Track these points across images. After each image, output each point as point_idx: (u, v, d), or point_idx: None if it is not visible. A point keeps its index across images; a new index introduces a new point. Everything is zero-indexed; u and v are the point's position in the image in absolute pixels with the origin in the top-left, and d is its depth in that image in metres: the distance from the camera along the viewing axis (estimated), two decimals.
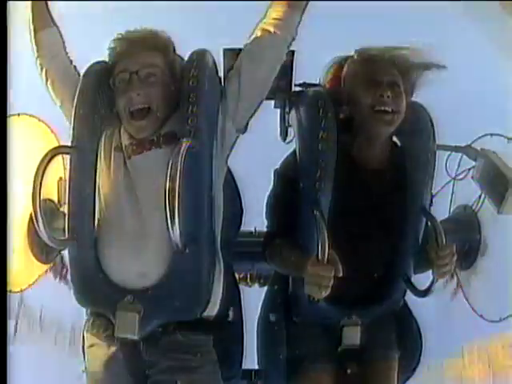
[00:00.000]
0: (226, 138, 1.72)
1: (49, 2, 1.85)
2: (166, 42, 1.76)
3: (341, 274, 1.55)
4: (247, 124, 1.76)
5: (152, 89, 1.68)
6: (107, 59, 1.77)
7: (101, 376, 1.70)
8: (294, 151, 1.87)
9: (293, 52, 1.92)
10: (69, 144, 1.73)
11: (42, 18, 1.84)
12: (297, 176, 1.79)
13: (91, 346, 1.74)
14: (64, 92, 1.82)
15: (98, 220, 1.70)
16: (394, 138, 1.87)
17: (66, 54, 1.88)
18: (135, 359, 1.67)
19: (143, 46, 1.70)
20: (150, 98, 1.68)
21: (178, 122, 1.67)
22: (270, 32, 1.69)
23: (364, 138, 1.79)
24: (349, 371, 1.89)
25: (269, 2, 1.74)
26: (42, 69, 1.86)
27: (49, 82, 1.85)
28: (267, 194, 1.91)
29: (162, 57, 1.72)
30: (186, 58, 1.74)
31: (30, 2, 1.84)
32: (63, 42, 1.88)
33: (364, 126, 1.77)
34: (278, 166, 1.91)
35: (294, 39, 1.72)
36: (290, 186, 1.80)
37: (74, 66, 1.87)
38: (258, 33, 1.71)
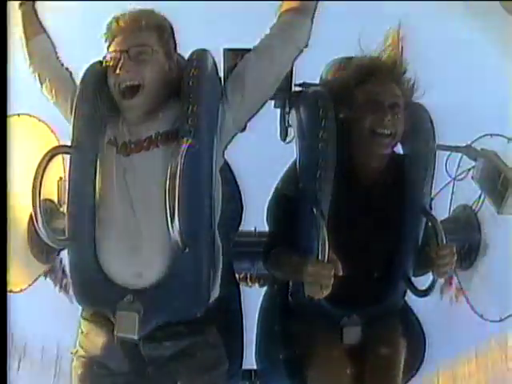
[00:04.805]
0: (224, 135, 1.71)
1: (38, 10, 1.86)
2: (160, 21, 1.73)
3: (341, 273, 1.55)
4: (246, 123, 1.76)
5: (142, 66, 1.66)
6: (103, 39, 1.74)
7: (101, 359, 1.70)
8: (292, 167, 1.87)
9: None
10: (69, 144, 1.73)
11: (32, 27, 1.86)
12: (296, 193, 1.80)
13: (88, 333, 1.74)
14: (58, 95, 1.82)
15: (97, 219, 1.70)
16: None
17: (57, 57, 1.89)
18: (134, 349, 1.68)
19: (136, 25, 1.68)
20: (140, 75, 1.65)
21: (176, 119, 1.66)
22: (282, 36, 1.68)
23: (362, 153, 1.80)
24: (348, 371, 1.89)
25: (270, 2, 1.74)
26: (35, 75, 1.87)
27: (43, 86, 1.86)
28: (268, 198, 1.91)
29: (155, 36, 1.69)
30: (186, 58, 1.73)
31: (19, 12, 1.85)
32: (54, 47, 1.89)
33: (362, 145, 1.77)
34: (278, 182, 1.91)
35: (306, 46, 1.70)
36: (288, 203, 1.81)
37: (67, 68, 1.87)
38: (271, 35, 1.70)
